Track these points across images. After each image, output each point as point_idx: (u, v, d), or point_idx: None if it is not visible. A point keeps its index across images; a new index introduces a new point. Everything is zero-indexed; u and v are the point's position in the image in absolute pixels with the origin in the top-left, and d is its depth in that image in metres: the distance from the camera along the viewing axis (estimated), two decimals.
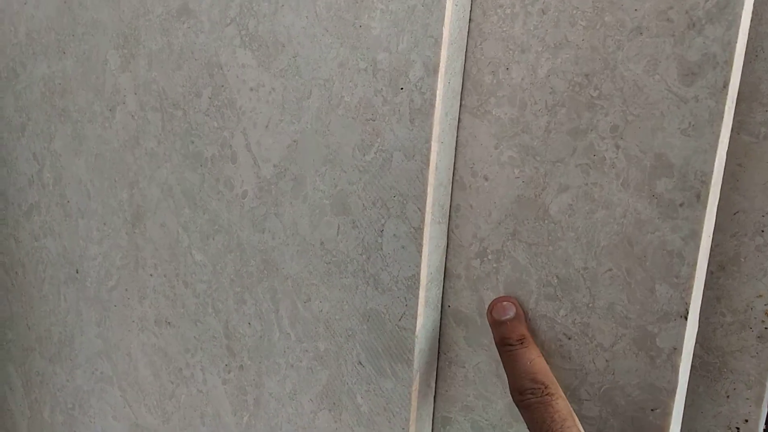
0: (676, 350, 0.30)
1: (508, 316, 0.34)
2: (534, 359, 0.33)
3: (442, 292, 0.38)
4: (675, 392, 0.30)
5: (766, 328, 0.32)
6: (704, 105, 0.28)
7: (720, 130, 0.28)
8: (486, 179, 0.35)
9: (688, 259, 0.29)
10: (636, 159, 0.30)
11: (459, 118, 0.36)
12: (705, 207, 0.29)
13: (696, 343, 0.34)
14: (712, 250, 0.33)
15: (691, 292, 0.29)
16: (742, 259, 0.32)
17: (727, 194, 0.33)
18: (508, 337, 0.34)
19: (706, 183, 0.28)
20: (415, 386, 0.37)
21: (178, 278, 0.48)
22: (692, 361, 0.35)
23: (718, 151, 0.28)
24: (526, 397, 0.31)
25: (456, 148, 0.36)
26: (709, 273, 0.34)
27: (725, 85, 0.28)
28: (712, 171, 0.28)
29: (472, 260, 0.36)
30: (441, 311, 0.38)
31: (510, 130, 0.34)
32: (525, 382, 0.32)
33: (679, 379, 0.30)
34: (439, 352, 0.38)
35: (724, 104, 0.28)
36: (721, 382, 0.34)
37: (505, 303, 0.35)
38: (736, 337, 0.33)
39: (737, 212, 0.32)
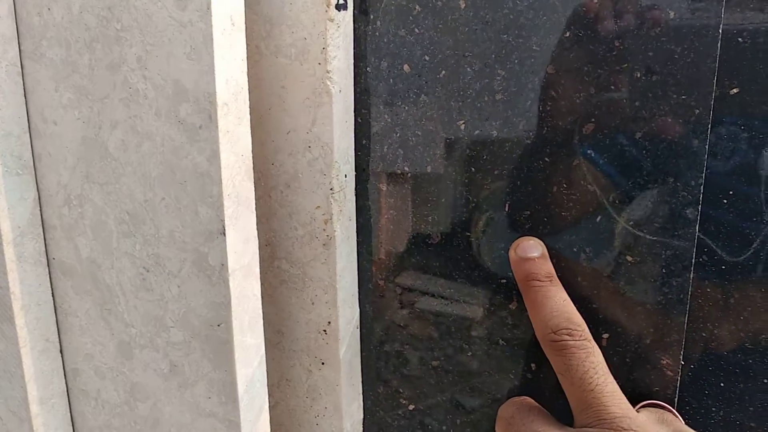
0: (224, 266, 0.32)
1: (534, 254, 0.32)
2: (566, 299, 0.31)
3: (45, 244, 0.37)
4: (230, 305, 0.32)
5: (327, 235, 0.35)
6: (198, 28, 0.29)
7: (214, 51, 0.29)
8: (56, 124, 0.34)
9: (215, 178, 0.31)
10: (161, 87, 0.31)
11: (22, 65, 0.35)
12: (218, 127, 0.30)
13: (282, 259, 0.37)
14: (277, 169, 0.35)
15: (224, 209, 0.31)
16: (300, 175, 0.35)
17: (279, 116, 0.35)
18: (536, 273, 0.31)
19: (213, 104, 0.30)
20: (24, 344, 0.36)
21: None
22: (281, 276, 0.37)
23: (217, 73, 0.29)
24: (562, 337, 0.29)
25: (26, 96, 0.35)
26: (280, 192, 0.36)
27: (209, 7, 0.29)
28: (215, 92, 0.30)
29: (62, 208, 0.36)
30: (48, 264, 0.37)
31: (63, 71, 0.33)
32: (560, 321, 0.29)
33: (232, 293, 0.32)
34: (55, 306, 0.38)
35: (211, 26, 0.29)
36: (306, 291, 0.36)
37: (531, 242, 0.32)
38: (308, 247, 0.36)
39: (289, 132, 0.34)
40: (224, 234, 0.31)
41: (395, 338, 0.38)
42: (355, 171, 0.36)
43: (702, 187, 0.29)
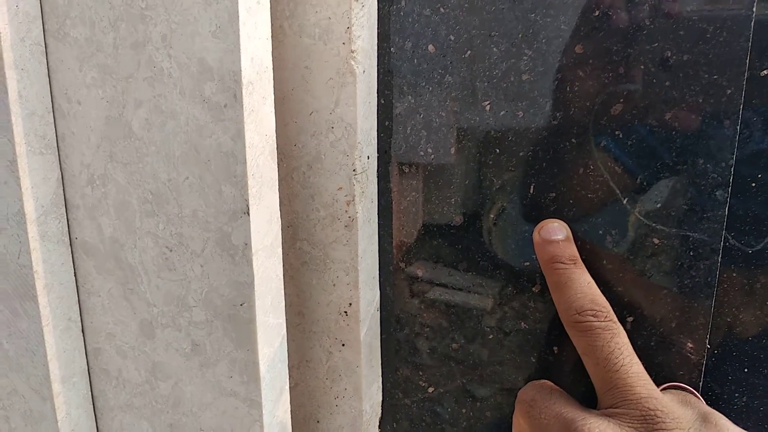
0: (247, 245, 0.32)
1: (558, 237, 0.32)
2: (591, 281, 0.31)
3: (68, 224, 0.37)
4: (253, 285, 0.32)
5: (350, 217, 0.35)
6: (223, 6, 0.29)
7: (239, 30, 0.29)
8: (79, 103, 0.34)
9: (239, 157, 0.31)
10: (185, 66, 0.31)
11: (45, 44, 0.35)
12: (242, 106, 0.30)
13: (303, 241, 0.37)
14: (299, 150, 0.35)
15: (248, 189, 0.31)
16: (323, 156, 0.35)
17: (302, 96, 0.34)
18: (560, 255, 0.31)
19: (238, 82, 0.30)
20: (46, 322, 0.37)
21: None
22: (303, 258, 0.37)
23: (242, 51, 0.29)
24: (587, 318, 0.29)
25: (49, 75, 0.35)
26: (302, 173, 0.36)
27: None
28: (241, 70, 0.30)
29: (85, 188, 0.36)
30: (71, 244, 0.38)
31: (87, 50, 0.33)
32: (585, 302, 0.30)
33: (255, 272, 0.32)
34: (77, 285, 0.38)
35: (237, 3, 0.29)
36: (327, 273, 0.36)
37: (555, 224, 0.32)
38: (330, 229, 0.36)
39: (312, 112, 0.34)
40: (248, 213, 0.31)
41: (415, 321, 0.38)
42: (378, 153, 0.36)
43: (732, 168, 0.28)
